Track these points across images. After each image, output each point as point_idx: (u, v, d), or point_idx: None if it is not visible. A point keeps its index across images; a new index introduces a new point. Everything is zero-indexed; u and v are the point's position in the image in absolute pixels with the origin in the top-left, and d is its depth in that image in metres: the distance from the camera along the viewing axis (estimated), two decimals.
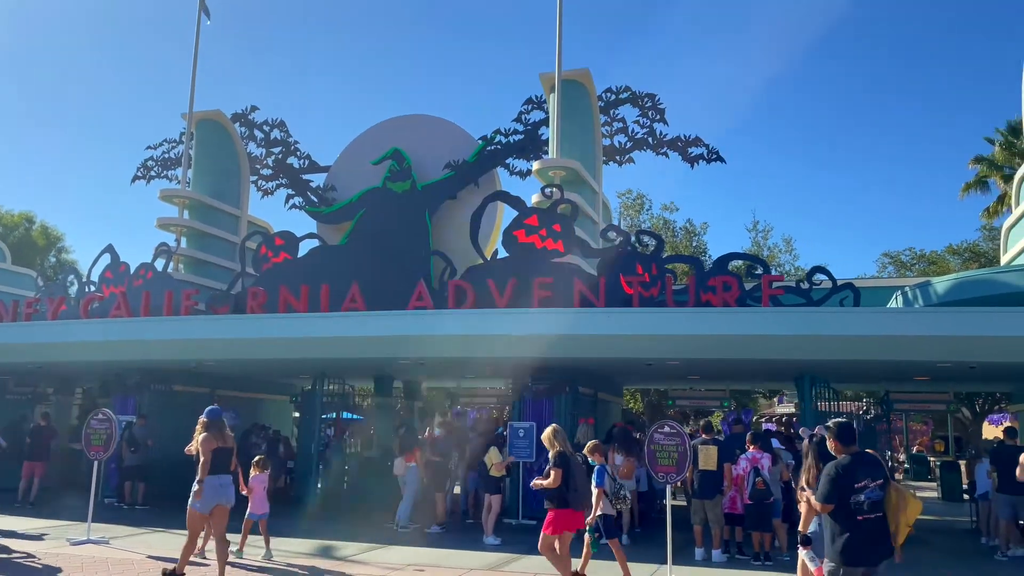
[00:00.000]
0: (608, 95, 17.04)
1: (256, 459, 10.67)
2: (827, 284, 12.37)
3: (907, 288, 15.08)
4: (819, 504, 5.35)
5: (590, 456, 8.96)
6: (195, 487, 8.22)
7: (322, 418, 15.62)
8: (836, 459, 5.45)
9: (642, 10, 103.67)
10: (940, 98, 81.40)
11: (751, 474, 10.28)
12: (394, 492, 13.60)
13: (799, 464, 9.06)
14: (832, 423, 5.68)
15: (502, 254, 14.04)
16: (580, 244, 13.69)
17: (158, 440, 15.36)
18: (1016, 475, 9.63)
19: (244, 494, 9.96)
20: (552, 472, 8.05)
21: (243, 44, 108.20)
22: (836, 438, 5.53)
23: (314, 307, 13.71)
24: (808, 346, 11.33)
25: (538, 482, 8.34)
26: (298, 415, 18.97)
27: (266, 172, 20.00)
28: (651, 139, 16.87)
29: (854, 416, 17.83)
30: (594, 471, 8.78)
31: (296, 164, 19.56)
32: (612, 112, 17.11)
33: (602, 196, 17.04)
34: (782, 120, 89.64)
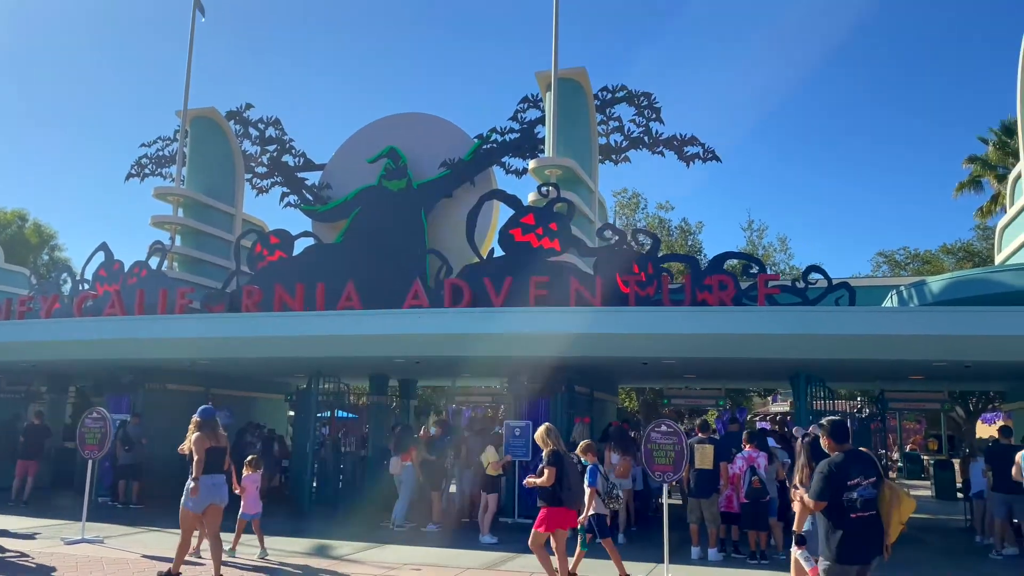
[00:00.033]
0: (604, 94, 17.04)
1: (249, 459, 10.63)
2: (823, 283, 12.37)
3: (902, 287, 15.12)
4: (812, 502, 5.35)
5: (583, 456, 8.96)
6: (191, 485, 8.21)
7: (317, 417, 15.58)
8: (829, 457, 5.46)
9: (644, 16, 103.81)
10: (934, 98, 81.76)
11: (747, 473, 10.29)
12: (390, 491, 13.58)
13: (795, 463, 9.07)
14: (826, 421, 5.68)
15: (498, 253, 14.02)
16: (576, 243, 13.69)
17: (152, 439, 15.33)
18: (1012, 474, 9.67)
19: (237, 493, 9.94)
20: (546, 470, 8.05)
21: (239, 42, 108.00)
22: (830, 436, 5.53)
23: (310, 306, 13.67)
24: (804, 345, 11.34)
25: (531, 480, 8.33)
26: (293, 414, 18.93)
27: (261, 170, 19.96)
28: (647, 138, 16.89)
29: (848, 415, 17.82)
30: (587, 471, 8.78)
31: (291, 162, 19.51)
32: (608, 111, 17.12)
33: (598, 195, 17.03)
34: (777, 120, 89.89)
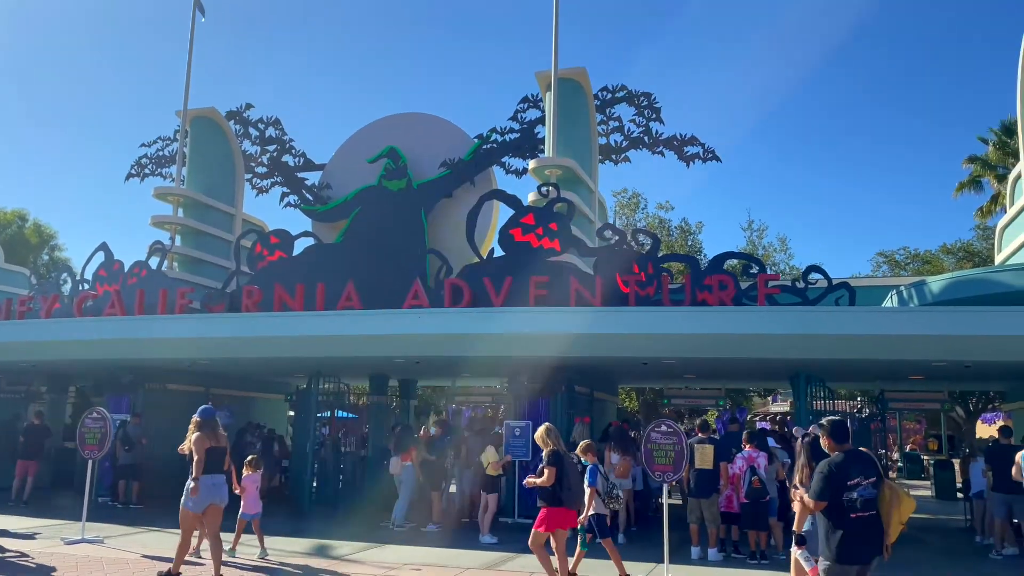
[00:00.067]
0: (604, 94, 17.04)
1: (249, 459, 10.63)
2: (823, 283, 12.37)
3: (902, 287, 15.11)
4: (812, 502, 5.35)
5: (582, 456, 8.96)
6: (192, 485, 8.20)
7: (317, 417, 15.58)
8: (829, 457, 5.45)
9: (644, 16, 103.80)
10: (934, 98, 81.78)
11: (747, 473, 10.29)
12: (390, 491, 13.58)
13: (795, 463, 9.07)
14: (826, 421, 5.68)
15: (498, 253, 14.01)
16: (576, 243, 13.68)
17: (152, 439, 15.33)
18: (1012, 474, 9.67)
19: (237, 493, 9.94)
20: (546, 470, 8.05)
21: (239, 42, 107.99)
22: (830, 436, 5.53)
23: (310, 306, 13.67)
24: (804, 345, 11.34)
25: (531, 480, 8.33)
26: (293, 414, 18.93)
27: (261, 170, 19.95)
28: (647, 138, 16.88)
29: (848, 415, 17.83)
30: (587, 471, 8.78)
31: (291, 162, 19.51)
32: (608, 111, 17.11)
33: (598, 195, 17.03)
34: (777, 120, 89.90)
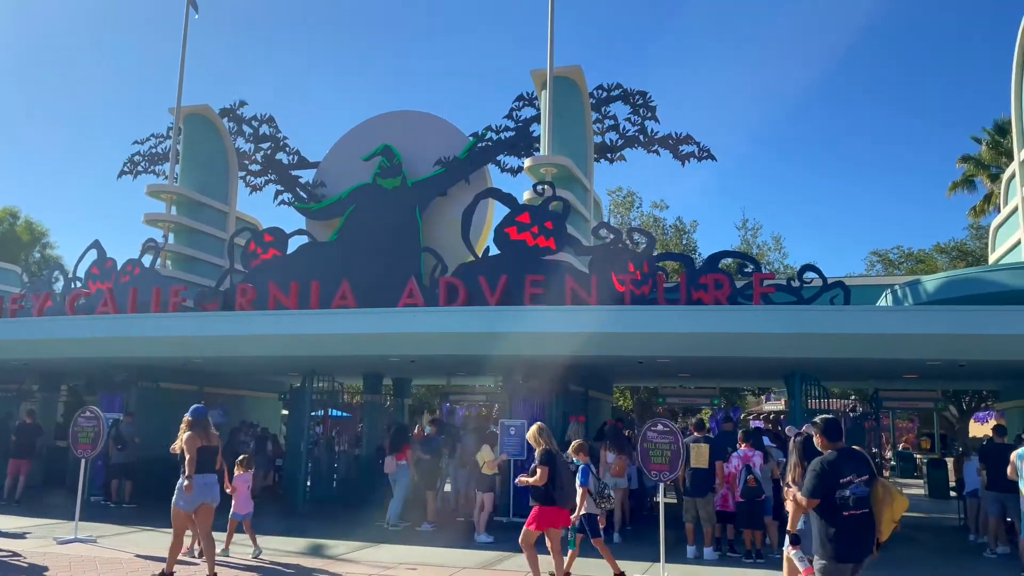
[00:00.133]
0: (600, 92, 16.98)
1: (240, 458, 10.59)
2: (818, 282, 12.39)
3: (896, 286, 15.12)
4: (804, 499, 5.35)
5: (574, 456, 8.95)
6: (185, 483, 8.13)
7: (311, 416, 15.53)
8: (822, 455, 5.45)
9: (643, 16, 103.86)
10: (928, 98, 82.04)
11: (743, 472, 10.30)
12: (384, 490, 13.54)
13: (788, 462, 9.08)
14: (819, 419, 5.70)
15: (493, 251, 13.98)
16: (572, 242, 13.67)
17: (145, 438, 15.25)
18: (1007, 473, 9.69)
19: (228, 492, 9.89)
20: (538, 470, 8.04)
21: (233, 40, 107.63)
22: (823, 434, 5.55)
23: (304, 304, 13.63)
24: (799, 344, 11.34)
25: (523, 479, 8.33)
26: (287, 413, 18.87)
27: (254, 168, 19.84)
28: (642, 136, 16.84)
29: (842, 413, 17.87)
30: (579, 470, 8.77)
31: (285, 160, 19.40)
32: (604, 109, 17.06)
33: (593, 193, 17.00)
34: (771, 120, 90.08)
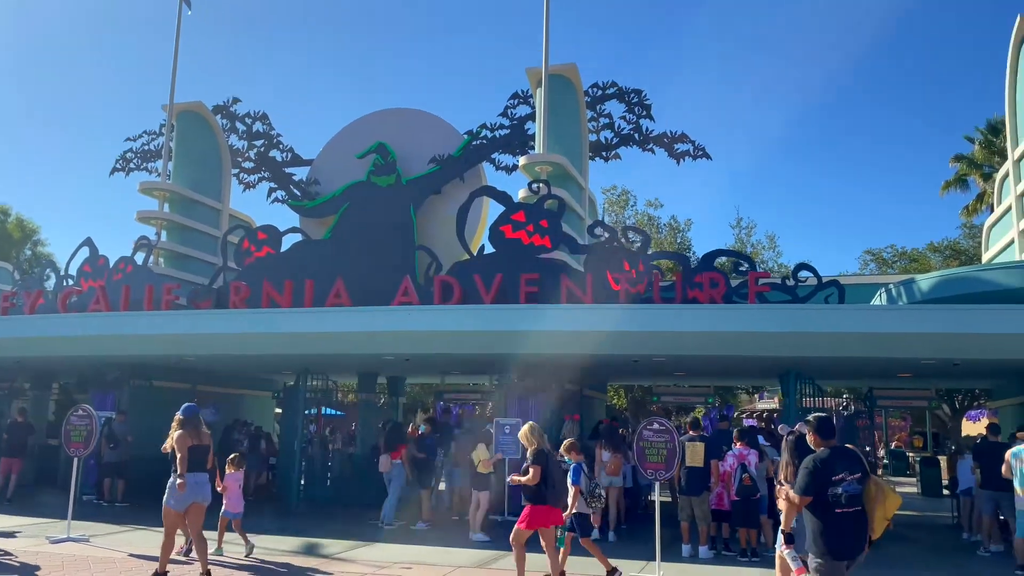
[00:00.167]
0: (595, 90, 16.96)
1: (231, 457, 10.53)
2: (812, 281, 12.40)
3: (890, 285, 15.14)
4: (797, 497, 5.35)
5: (566, 455, 8.94)
6: (178, 481, 8.06)
7: (305, 414, 15.47)
8: (815, 452, 5.45)
9: (642, 16, 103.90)
10: (921, 97, 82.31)
11: (738, 470, 10.29)
12: (379, 489, 13.50)
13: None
14: (812, 417, 5.70)
15: (488, 250, 13.95)
16: (567, 240, 13.64)
17: (138, 436, 15.16)
18: (1001, 472, 9.70)
19: (219, 491, 9.84)
20: (531, 469, 8.02)
21: (226, 37, 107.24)
22: (816, 432, 5.54)
23: (298, 302, 13.55)
24: (794, 343, 11.34)
25: (516, 478, 8.31)
26: (280, 411, 18.80)
27: (248, 165, 19.74)
28: (637, 135, 16.82)
29: (835, 412, 17.90)
30: (570, 469, 8.76)
31: (279, 157, 19.31)
32: (599, 108, 17.05)
33: (588, 192, 16.98)
34: (766, 118, 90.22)
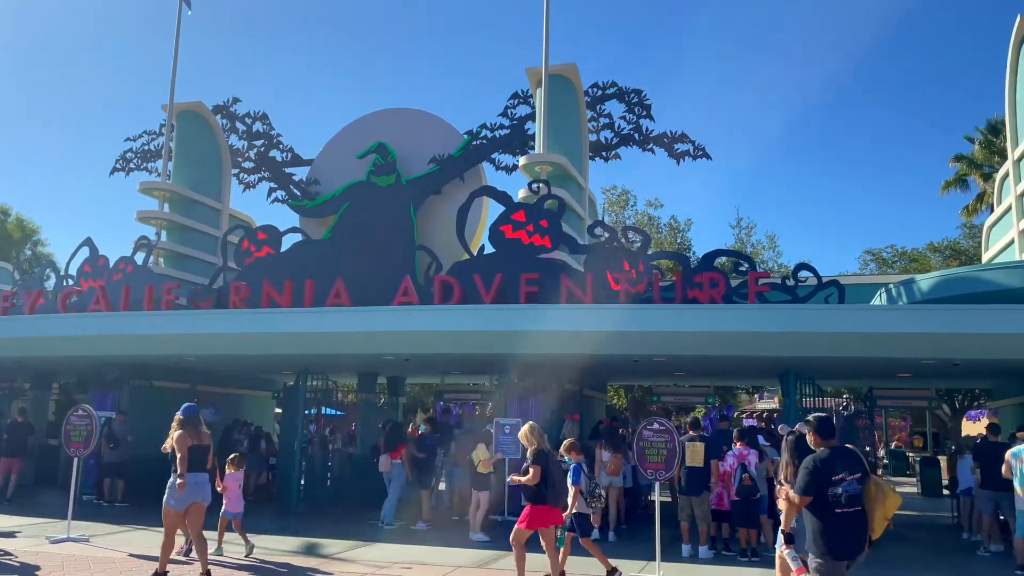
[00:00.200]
0: (595, 90, 16.96)
1: (231, 457, 10.53)
2: (812, 281, 12.39)
3: (890, 285, 15.15)
4: (797, 497, 5.35)
5: (566, 455, 8.94)
6: (179, 481, 8.06)
7: (305, 414, 15.47)
8: (815, 452, 5.45)
9: (642, 15, 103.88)
10: (921, 97, 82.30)
11: (738, 470, 10.29)
12: (379, 489, 13.50)
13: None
14: (812, 417, 5.70)
15: (488, 249, 13.94)
16: (567, 240, 13.64)
17: (138, 436, 15.16)
18: (1001, 472, 9.70)
19: (220, 491, 9.83)
20: (531, 469, 8.02)
21: (226, 37, 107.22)
22: (816, 432, 5.54)
23: (298, 302, 13.55)
24: (794, 343, 11.34)
25: (516, 478, 8.31)
26: (280, 411, 18.79)
27: (248, 165, 19.73)
28: (637, 135, 16.82)
29: (835, 412, 17.90)
30: (570, 469, 8.76)
31: (279, 157, 19.30)
32: (599, 108, 17.04)
33: (588, 192, 16.98)
34: (766, 119, 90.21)
